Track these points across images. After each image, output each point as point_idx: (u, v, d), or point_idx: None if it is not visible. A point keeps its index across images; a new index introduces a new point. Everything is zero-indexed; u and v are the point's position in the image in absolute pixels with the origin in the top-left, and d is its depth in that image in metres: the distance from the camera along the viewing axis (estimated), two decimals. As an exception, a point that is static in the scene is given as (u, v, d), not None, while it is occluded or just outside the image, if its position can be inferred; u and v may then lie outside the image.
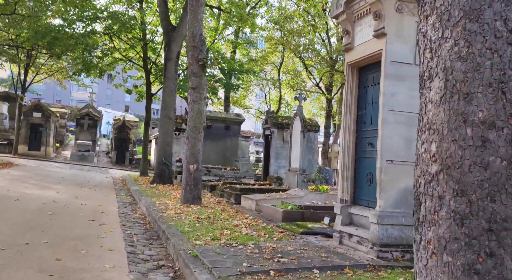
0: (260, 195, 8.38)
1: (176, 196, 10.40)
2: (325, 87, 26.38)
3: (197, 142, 8.83)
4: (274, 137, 14.62)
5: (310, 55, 23.75)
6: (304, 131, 9.44)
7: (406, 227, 4.17)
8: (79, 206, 8.44)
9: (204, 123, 8.98)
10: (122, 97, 64.43)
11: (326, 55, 23.82)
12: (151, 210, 7.84)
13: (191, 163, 8.75)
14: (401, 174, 4.22)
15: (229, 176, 12.67)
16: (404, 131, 4.26)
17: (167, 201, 9.23)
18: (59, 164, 22.39)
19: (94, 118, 29.73)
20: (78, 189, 11.70)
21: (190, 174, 8.73)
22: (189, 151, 8.80)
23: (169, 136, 13.61)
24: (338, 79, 25.13)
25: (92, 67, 19.63)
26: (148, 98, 19.38)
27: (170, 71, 13.82)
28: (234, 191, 9.29)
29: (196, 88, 8.80)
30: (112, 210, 8.40)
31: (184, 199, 8.66)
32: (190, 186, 8.68)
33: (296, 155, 9.71)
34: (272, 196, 8.10)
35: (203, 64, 8.71)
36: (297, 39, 22.94)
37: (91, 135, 29.01)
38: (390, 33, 4.23)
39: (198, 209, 8.06)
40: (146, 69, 19.31)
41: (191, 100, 8.86)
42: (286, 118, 15.22)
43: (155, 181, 13.35)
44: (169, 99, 13.76)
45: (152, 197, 10.18)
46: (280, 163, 14.67)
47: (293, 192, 8.34)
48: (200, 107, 8.86)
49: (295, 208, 6.58)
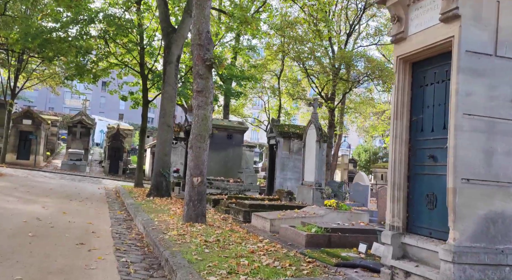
0: (273, 213, 7.39)
1: (176, 212, 9.37)
2: (327, 96, 25.62)
3: (202, 152, 7.86)
4: (280, 147, 13.67)
5: (311, 63, 22.97)
6: (320, 140, 8.51)
7: (489, 268, 3.21)
8: (66, 224, 7.38)
9: (210, 130, 8.02)
10: (117, 105, 63.31)
11: (329, 63, 23.05)
12: (149, 229, 6.81)
13: (195, 176, 7.75)
14: (481, 197, 3.28)
15: (232, 188, 11.67)
16: (483, 141, 3.33)
17: (166, 218, 8.20)
18: (49, 174, 21.21)
19: (87, 125, 28.65)
20: (67, 203, 10.62)
21: (193, 188, 7.73)
22: (192, 162, 7.81)
23: (168, 145, 12.61)
24: (340, 88, 24.36)
25: (85, 72, 18.64)
26: (145, 105, 18.39)
27: (169, 75, 12.87)
28: (242, 207, 8.28)
29: (202, 92, 7.85)
30: (105, 229, 7.35)
31: (187, 217, 7.64)
32: (194, 201, 7.67)
33: (311, 167, 8.75)
34: (287, 214, 7.11)
35: (210, 65, 7.78)
36: (299, 47, 22.17)
37: (83, 144, 27.88)
38: (466, 15, 3.32)
39: (203, 228, 7.05)
40: (143, 75, 18.36)
41: (195, 105, 7.90)
42: (292, 127, 14.30)
43: (151, 193, 12.30)
44: (168, 106, 12.78)
45: (150, 212, 9.14)
46: (286, 175, 13.70)
47: (310, 210, 7.36)
48: (206, 113, 7.90)
49: (321, 231, 5.60)
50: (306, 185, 8.89)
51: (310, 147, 8.92)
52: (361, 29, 25.63)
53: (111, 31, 16.78)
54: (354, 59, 19.88)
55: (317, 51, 22.40)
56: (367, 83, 23.38)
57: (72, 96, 64.79)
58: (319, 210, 7.21)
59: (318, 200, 8.35)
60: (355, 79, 21.44)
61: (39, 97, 59.13)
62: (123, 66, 19.99)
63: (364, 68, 20.01)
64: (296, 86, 29.31)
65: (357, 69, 21.04)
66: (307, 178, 8.92)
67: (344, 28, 24.29)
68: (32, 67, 25.74)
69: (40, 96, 59.66)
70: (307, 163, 8.96)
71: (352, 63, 19.89)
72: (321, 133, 8.53)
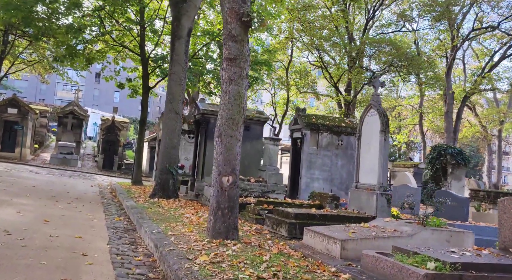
0: (336, 228, 5.32)
1: (192, 220, 7.28)
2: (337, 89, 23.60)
3: (234, 143, 5.76)
4: (307, 141, 11.61)
5: (327, 48, 20.81)
6: (385, 130, 6.46)
7: None
8: (46, 241, 5.25)
9: (244, 113, 5.92)
10: (111, 97, 60.79)
11: (346, 52, 20.96)
12: (165, 251, 4.71)
13: (225, 175, 5.66)
14: None
15: (253, 189, 9.60)
16: None
17: (183, 230, 6.11)
18: (35, 169, 18.95)
19: (79, 117, 26.33)
20: (51, 206, 8.47)
21: (223, 192, 5.63)
22: (222, 156, 5.71)
23: (176, 137, 10.49)
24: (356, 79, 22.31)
25: (77, 54, 16.40)
26: (145, 93, 16.24)
27: (178, 52, 10.74)
28: (284, 217, 6.21)
29: (235, 60, 5.75)
30: (100, 249, 5.23)
31: (214, 231, 5.55)
32: (223, 210, 5.58)
33: (371, 165, 6.69)
34: (360, 232, 5.04)
35: (247, 22, 5.68)
36: (315, 31, 20.06)
37: (75, 136, 25.58)
38: None
39: (240, 249, 4.98)
40: (143, 58, 16.20)
41: (226, 79, 5.80)
42: (321, 118, 12.22)
43: (156, 194, 10.19)
44: (177, 89, 10.65)
45: (158, 221, 7.04)
46: (313, 175, 11.66)
47: (386, 225, 5.31)
48: (239, 90, 5.80)
49: (446, 269, 3.54)
50: (363, 189, 6.83)
51: (369, 139, 6.86)
52: (380, 15, 23.60)
53: (107, 4, 14.59)
54: (378, 46, 17.82)
55: (333, 36, 20.30)
56: (388, 74, 21.33)
57: (64, 87, 62.22)
58: (401, 226, 5.15)
59: (384, 209, 6.31)
60: (380, 69, 19.39)
61: (29, 87, 56.46)
62: (120, 48, 17.77)
63: (390, 56, 17.92)
64: (304, 78, 27.23)
65: (380, 59, 18.94)
66: (365, 179, 6.86)
67: (363, 13, 22.18)
68: (19, 50, 23.39)
69: (30, 87, 57.00)
70: (364, 159, 6.91)
71: (378, 49, 17.79)
72: (387, 121, 6.49)
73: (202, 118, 11.34)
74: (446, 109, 23.42)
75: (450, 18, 21.01)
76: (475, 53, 30.49)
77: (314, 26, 20.44)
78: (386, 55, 17.52)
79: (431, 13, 19.63)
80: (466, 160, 13.24)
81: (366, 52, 19.51)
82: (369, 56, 19.68)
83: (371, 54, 19.20)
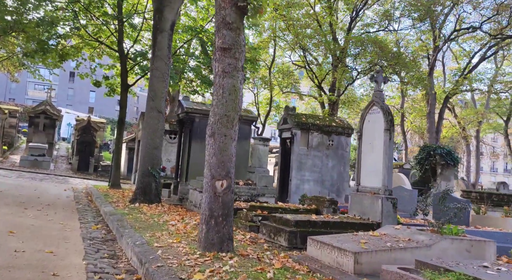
0: (343, 238, 4.78)
1: (178, 228, 6.61)
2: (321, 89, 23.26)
3: (229, 143, 5.15)
4: (297, 141, 11.10)
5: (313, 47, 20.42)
6: (390, 129, 5.97)
7: None
8: (9, 259, 4.49)
9: (240, 110, 5.31)
10: (86, 97, 58.82)
11: (330, 52, 20.61)
12: (151, 268, 4.05)
13: (219, 178, 5.04)
14: None
15: (242, 193, 9.00)
16: None
17: (170, 240, 5.45)
18: (3, 172, 17.71)
19: (52, 116, 25.02)
20: (19, 213, 7.61)
21: (216, 198, 5.01)
22: (215, 158, 5.09)
23: (158, 136, 9.76)
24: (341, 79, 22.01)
25: (49, 49, 15.36)
26: (123, 91, 15.36)
27: (161, 47, 10.01)
28: (283, 225, 5.63)
29: (230, 50, 5.14)
30: (75, 266, 4.51)
31: (206, 242, 4.92)
32: (217, 218, 4.96)
33: (374, 167, 6.20)
34: (372, 242, 4.52)
35: (243, 7, 5.09)
36: (300, 30, 19.62)
37: (47, 137, 24.26)
38: None
39: (238, 264, 4.37)
40: (122, 55, 15.32)
41: (219, 71, 5.18)
42: (311, 117, 11.74)
43: (137, 199, 9.43)
44: (159, 86, 9.92)
45: (141, 229, 6.34)
46: (303, 176, 11.15)
47: (399, 234, 4.81)
48: (235, 83, 5.20)
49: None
50: (365, 193, 6.33)
51: (372, 139, 6.37)
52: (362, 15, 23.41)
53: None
54: (364, 44, 17.50)
55: (317, 35, 19.88)
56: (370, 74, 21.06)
57: (36, 86, 59.80)
58: (415, 235, 4.66)
59: (389, 214, 5.82)
60: (364, 69, 19.11)
61: (-2, 86, 53.97)
62: (96, 44, 16.82)
63: (374, 55, 17.63)
64: (287, 77, 26.84)
65: (366, 58, 18.64)
66: (367, 182, 6.36)
67: (347, 13, 21.89)
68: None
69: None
70: (366, 160, 6.41)
71: (364, 48, 17.47)
72: (391, 119, 6.00)
73: (187, 117, 10.65)
74: (428, 110, 23.45)
75: (432, 18, 21.00)
76: (454, 54, 30.87)
77: (298, 25, 20.01)
78: (372, 54, 17.23)
79: (415, 13, 19.54)
80: (456, 160, 13.04)
81: (350, 51, 19.20)
82: (354, 56, 19.37)
83: (355, 54, 18.89)
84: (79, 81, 63.84)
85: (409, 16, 19.53)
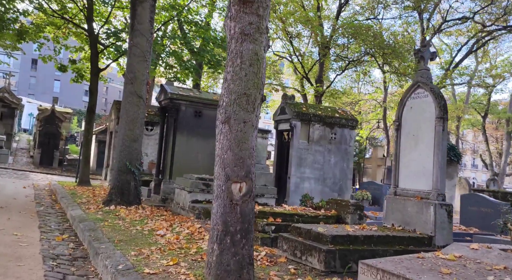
0: (410, 263, 3.51)
1: (169, 240, 5.18)
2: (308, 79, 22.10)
3: (249, 132, 3.76)
4: (297, 133, 9.81)
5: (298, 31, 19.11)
6: (443, 118, 4.76)
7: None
8: None
9: (263, 88, 3.93)
10: (50, 86, 55.19)
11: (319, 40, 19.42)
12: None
13: (237, 180, 3.65)
14: None
15: (238, 193, 7.55)
16: None
17: (164, 262, 4.05)
18: (-48, 166, 15.51)
19: (10, 105, 22.61)
20: (-41, 222, 5.93)
21: (233, 207, 3.62)
22: (230, 152, 3.69)
23: (138, 126, 8.20)
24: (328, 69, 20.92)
25: (6, 25, 13.33)
26: (93, 75, 13.53)
27: (142, 20, 8.41)
28: (315, 241, 4.30)
29: (251, 3, 3.74)
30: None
31: (219, 268, 3.53)
32: (234, 235, 3.58)
33: (421, 164, 4.96)
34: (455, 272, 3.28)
35: None
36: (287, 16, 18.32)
37: (5, 128, 21.92)
38: None
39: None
40: (91, 34, 13.48)
41: (236, 32, 3.77)
42: (312, 107, 10.47)
43: (112, 200, 7.86)
44: (140, 66, 8.33)
45: (123, 244, 4.87)
46: (303, 174, 9.90)
47: (481, 257, 3.60)
48: (257, 50, 3.80)
49: None
50: (408, 197, 5.10)
51: (416, 130, 5.14)
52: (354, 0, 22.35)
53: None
54: (357, 32, 16.39)
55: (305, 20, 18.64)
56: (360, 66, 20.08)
57: (-5, 74, 55.46)
58: (507, 259, 3.46)
59: (444, 226, 4.62)
60: (354, 58, 18.04)
61: (-50, 72, 49.57)
62: (62, 22, 14.83)
63: (368, 43, 16.58)
64: (270, 68, 25.49)
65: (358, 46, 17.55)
66: (410, 184, 5.12)
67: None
68: None
69: (-48, 72, 50.08)
70: (408, 157, 5.17)
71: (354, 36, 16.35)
72: (444, 104, 4.79)
73: (171, 104, 9.12)
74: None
75: (422, 8, 20.23)
76: (435, 48, 30.52)
77: (285, 11, 18.70)
78: (366, 43, 16.20)
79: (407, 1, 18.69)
80: (459, 156, 12.17)
81: (341, 39, 18.09)
82: (343, 45, 18.29)
83: (346, 42, 17.80)
84: (42, 69, 59.70)
85: (402, 2, 18.66)
